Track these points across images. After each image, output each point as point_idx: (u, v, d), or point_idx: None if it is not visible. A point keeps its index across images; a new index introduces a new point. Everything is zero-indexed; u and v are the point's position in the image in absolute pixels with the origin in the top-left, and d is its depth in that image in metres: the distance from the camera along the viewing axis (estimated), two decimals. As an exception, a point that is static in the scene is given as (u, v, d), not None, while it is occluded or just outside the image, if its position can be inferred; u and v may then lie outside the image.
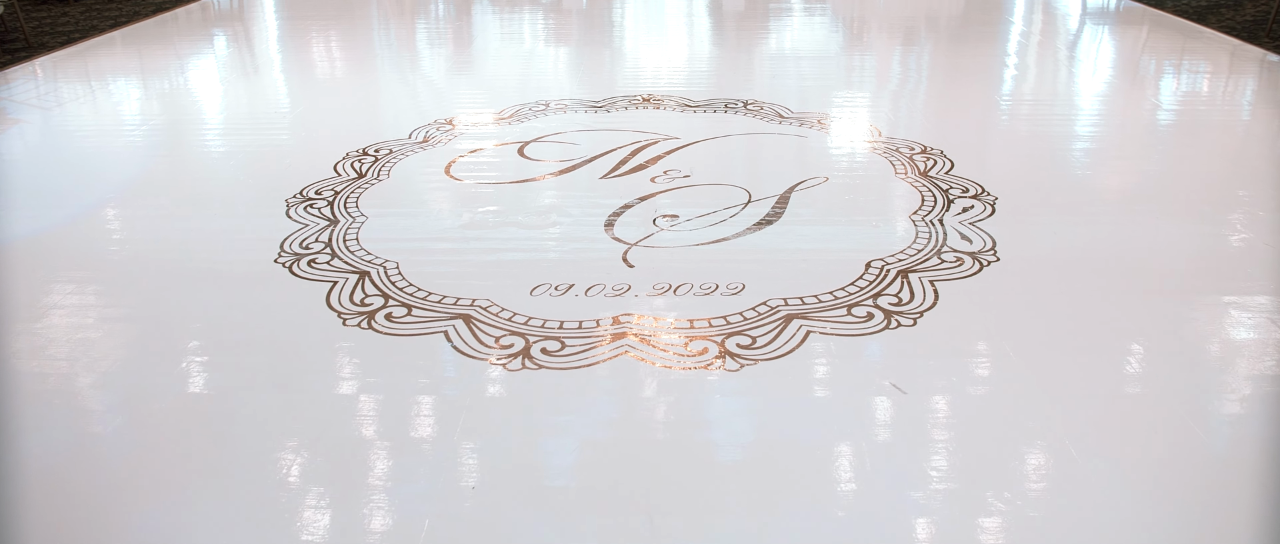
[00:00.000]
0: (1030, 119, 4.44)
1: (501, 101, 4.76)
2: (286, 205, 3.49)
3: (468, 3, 7.95)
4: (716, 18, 7.21)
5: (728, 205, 3.39)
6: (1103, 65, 5.55)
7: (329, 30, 6.83)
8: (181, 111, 4.78)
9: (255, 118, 4.64)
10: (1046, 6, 7.48)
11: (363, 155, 4.01)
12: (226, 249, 3.14)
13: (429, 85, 5.32)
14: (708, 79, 5.19)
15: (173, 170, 3.94)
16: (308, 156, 4.01)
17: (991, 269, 2.91)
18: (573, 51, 6.06)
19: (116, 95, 5.10)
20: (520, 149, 4.03)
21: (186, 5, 7.88)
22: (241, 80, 5.43)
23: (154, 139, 4.36)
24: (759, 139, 4.12)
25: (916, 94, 4.99)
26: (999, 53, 5.87)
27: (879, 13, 7.29)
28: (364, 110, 4.76)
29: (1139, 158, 3.93)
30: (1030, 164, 3.84)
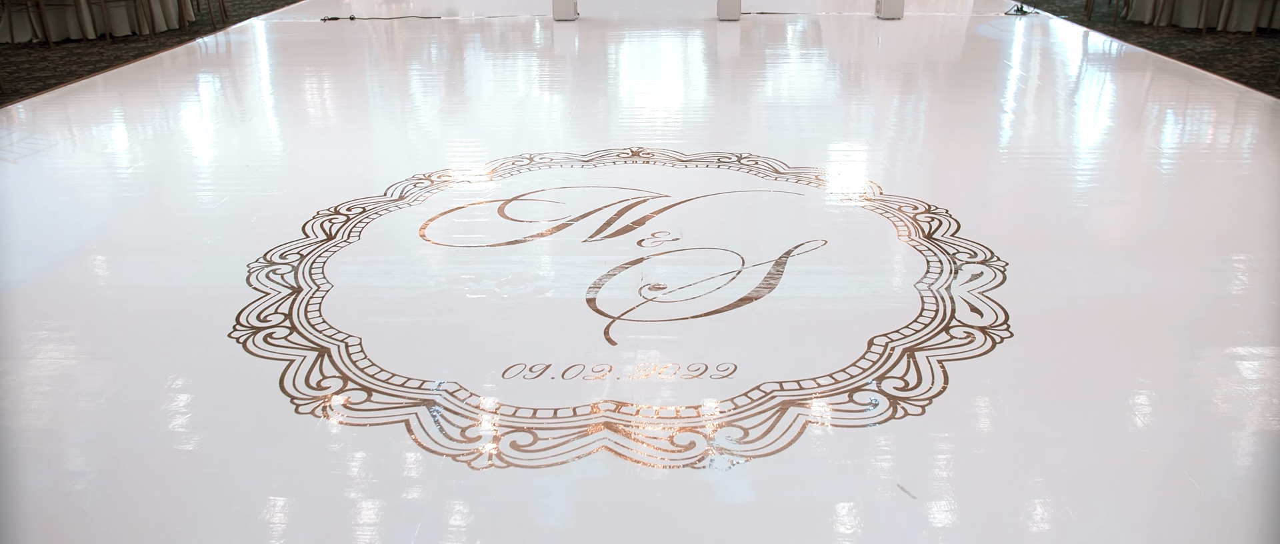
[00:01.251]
0: (1035, 172, 4.23)
1: (485, 155, 4.55)
2: (248, 271, 3.27)
3: (460, 45, 7.78)
4: (711, 63, 7.03)
5: (719, 273, 3.16)
6: (1107, 113, 5.36)
7: (316, 75, 6.65)
8: (152, 163, 4.57)
9: (228, 171, 4.42)
10: (1045, 51, 7.32)
11: (335, 214, 3.79)
12: (179, 318, 2.91)
13: (411, 137, 5.11)
14: (701, 130, 4.99)
15: (133, 229, 3.71)
16: (277, 215, 3.79)
17: (1005, 346, 2.68)
18: (561, 100, 5.87)
19: (88, 144, 4.90)
20: (501, 208, 3.81)
21: (171, 49, 7.71)
22: (220, 130, 5.23)
23: (120, 193, 4.14)
24: (753, 197, 3.91)
25: (917, 146, 4.79)
26: (1000, 101, 5.68)
27: (876, 57, 7.13)
28: (342, 164, 4.55)
29: (1152, 212, 3.72)
30: (1039, 223, 3.62)
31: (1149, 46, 7.28)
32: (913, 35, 7.90)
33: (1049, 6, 9.36)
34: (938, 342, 2.71)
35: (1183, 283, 3.09)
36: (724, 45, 7.61)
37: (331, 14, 9.16)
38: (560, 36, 7.95)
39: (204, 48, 7.78)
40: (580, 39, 7.82)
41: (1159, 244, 3.43)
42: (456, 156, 4.57)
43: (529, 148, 4.65)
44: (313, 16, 9.16)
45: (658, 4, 9.83)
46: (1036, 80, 6.29)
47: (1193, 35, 7.79)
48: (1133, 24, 8.37)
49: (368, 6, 9.89)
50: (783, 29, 8.23)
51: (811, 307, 2.93)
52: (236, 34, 8.38)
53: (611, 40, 7.77)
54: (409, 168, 4.35)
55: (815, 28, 8.41)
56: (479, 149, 4.71)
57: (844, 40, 7.92)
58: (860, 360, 2.60)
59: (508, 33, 8.29)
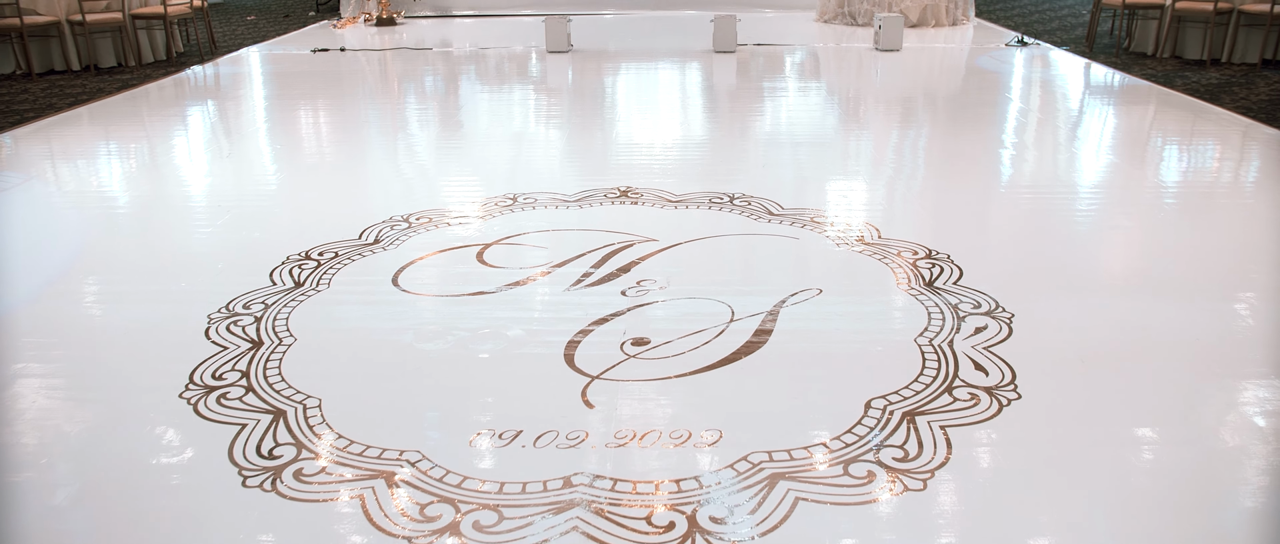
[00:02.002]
0: (1039, 213, 4.05)
1: (468, 195, 4.37)
2: (208, 322, 3.08)
3: (451, 78, 7.63)
4: (706, 97, 6.88)
5: (707, 326, 2.97)
6: (1111, 149, 5.19)
7: (301, 109, 6.49)
8: (125, 201, 4.39)
9: (202, 211, 4.25)
10: (1046, 84, 7.17)
11: (305, 259, 3.60)
12: (129, 375, 2.72)
13: (393, 175, 4.94)
14: (693, 167, 4.82)
15: (95, 273, 3.53)
16: (247, 259, 3.61)
17: (1012, 410, 2.49)
18: (551, 135, 5.71)
19: (59, 179, 4.73)
20: (480, 253, 3.63)
21: (158, 80, 7.56)
22: (198, 166, 5.05)
23: (86, 233, 3.96)
24: (746, 241, 3.73)
25: (917, 185, 4.61)
26: (1001, 136, 5.52)
27: (874, 90, 6.97)
28: (320, 203, 4.38)
29: (1163, 255, 3.53)
30: (1045, 269, 3.43)
31: (1152, 79, 7.13)
32: (911, 67, 7.76)
33: (1050, 38, 9.23)
34: (940, 404, 2.52)
35: (1200, 331, 2.90)
36: (719, 77, 7.46)
37: (322, 45, 9.03)
38: (553, 69, 7.81)
39: (190, 80, 7.63)
40: (573, 71, 7.68)
41: (1171, 289, 3.24)
42: (439, 196, 4.40)
43: (514, 187, 4.48)
44: (303, 48, 9.03)
45: (653, 35, 9.71)
46: (1038, 114, 6.13)
47: (1197, 67, 7.64)
48: (1135, 56, 8.23)
49: (360, 37, 9.77)
50: (779, 61, 8.09)
51: (804, 364, 2.74)
52: (224, 66, 8.25)
53: (605, 72, 7.62)
54: (388, 208, 4.17)
55: (812, 59, 8.27)
56: (463, 188, 4.53)
57: (841, 72, 7.78)
58: (856, 426, 2.41)
59: (500, 65, 8.16)
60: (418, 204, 4.23)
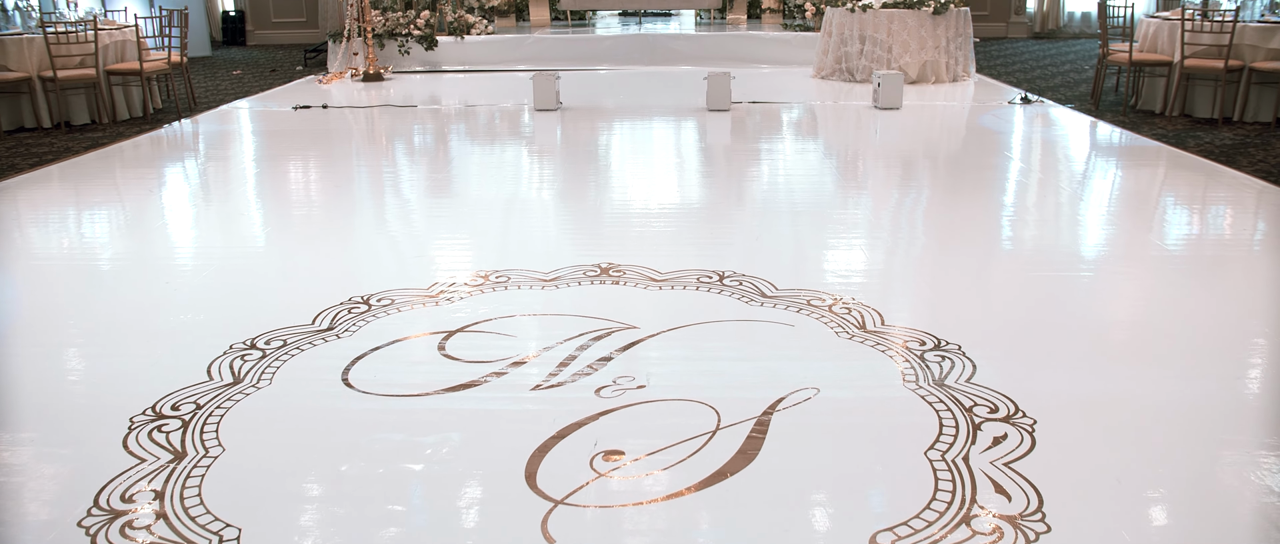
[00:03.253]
0: (1055, 292, 3.72)
1: (435, 271, 4.04)
2: (129, 427, 2.73)
3: (432, 138, 7.35)
4: (696, 159, 6.58)
5: (690, 437, 2.63)
6: (1129, 218, 4.86)
7: (272, 172, 6.19)
8: (63, 275, 4.06)
9: (148, 288, 3.91)
10: (1054, 146, 6.88)
11: (250, 348, 3.27)
12: (26, 494, 2.36)
13: (357, 247, 4.61)
14: (681, 239, 4.50)
15: (17, 358, 3.18)
16: (185, 348, 3.27)
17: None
18: (529, 203, 5.40)
19: (3, 244, 4.41)
20: (442, 343, 3.29)
21: (132, 138, 7.28)
22: (151, 235, 4.73)
23: (17, 309, 3.62)
24: (735, 329, 3.39)
25: (921, 260, 4.28)
26: (1009, 203, 5.21)
27: (874, 151, 6.68)
28: (276, 279, 4.05)
29: (1191, 338, 3.19)
30: (1066, 362, 3.09)
31: (1163, 139, 6.85)
32: (912, 126, 7.48)
33: (1053, 95, 8.98)
34: (957, 539, 2.16)
35: (1254, 423, 2.55)
36: (713, 137, 7.18)
37: (305, 102, 8.76)
38: (540, 128, 7.53)
39: (162, 139, 7.34)
40: (560, 131, 7.39)
41: (1209, 379, 2.89)
42: (405, 272, 4.06)
43: (487, 262, 4.15)
44: (285, 104, 8.76)
45: (646, 92, 9.45)
46: (1048, 179, 5.82)
47: (1208, 126, 7.37)
48: (1143, 114, 7.96)
49: (346, 93, 9.52)
50: (775, 119, 7.81)
51: (799, 486, 2.39)
52: (200, 124, 7.97)
53: (592, 133, 7.34)
54: (349, 286, 3.84)
55: (810, 117, 8.00)
56: (431, 263, 4.21)
57: (840, 131, 7.50)
58: (860, 571, 2.05)
59: (484, 124, 7.88)
60: (382, 282, 3.90)
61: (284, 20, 14.95)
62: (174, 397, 2.92)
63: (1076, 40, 14.47)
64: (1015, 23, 14.83)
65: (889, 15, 9.31)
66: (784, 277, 3.89)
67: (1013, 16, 14.82)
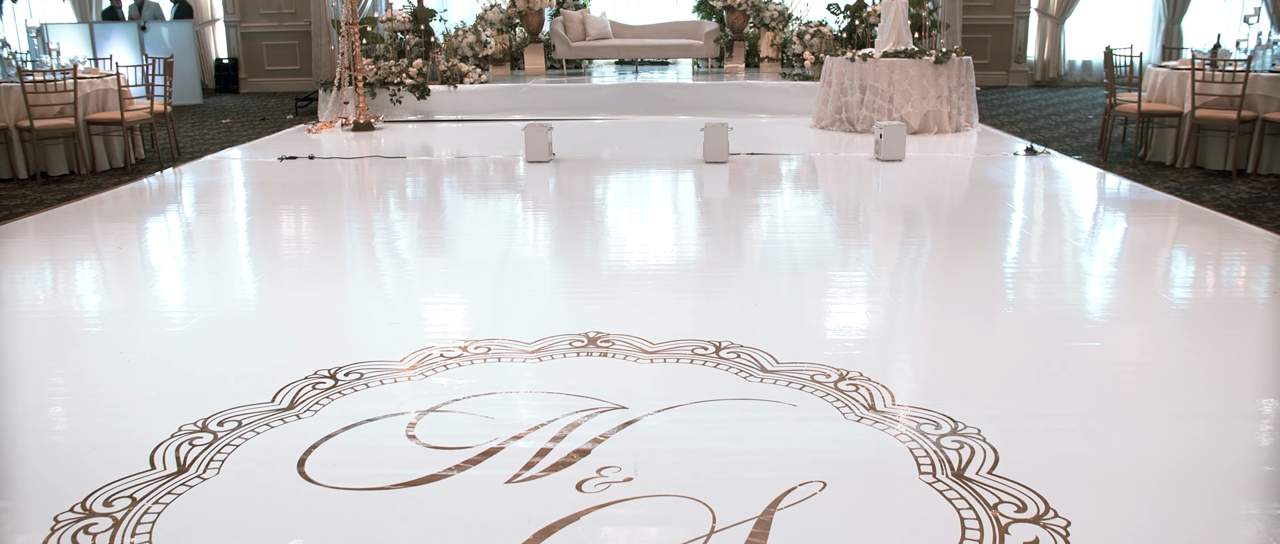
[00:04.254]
0: (1079, 366, 3.44)
1: (409, 341, 3.76)
2: (53, 527, 2.44)
3: (418, 192, 7.11)
4: (692, 216, 6.33)
5: (681, 540, 2.33)
6: (1153, 281, 4.59)
7: (250, 228, 5.93)
8: (12, 342, 3.77)
9: (101, 358, 3.63)
10: (1064, 200, 6.64)
11: (201, 430, 2.98)
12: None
13: (330, 313, 4.32)
14: (676, 304, 4.23)
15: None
16: (130, 430, 2.98)
17: None
18: (515, 264, 5.13)
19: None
20: (411, 426, 3.00)
21: (112, 189, 7.04)
22: (114, 297, 4.46)
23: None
24: (732, 411, 3.10)
25: (934, 330, 4.00)
26: (1024, 264, 4.94)
27: (879, 207, 6.42)
28: (240, 349, 3.76)
29: (1236, 418, 2.90)
30: (1097, 450, 2.80)
31: (1176, 192, 6.61)
32: (916, 180, 7.24)
33: (1059, 146, 8.76)
34: None
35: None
36: (709, 190, 6.93)
37: (291, 152, 8.53)
38: (532, 181, 7.29)
39: (138, 191, 7.09)
40: (551, 185, 7.15)
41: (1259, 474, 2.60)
42: (377, 343, 3.78)
43: (467, 330, 3.87)
44: (271, 155, 8.53)
45: (642, 143, 9.24)
46: (1061, 237, 5.56)
47: (1222, 178, 7.13)
48: (1154, 166, 7.73)
49: (336, 143, 9.30)
50: (774, 172, 7.58)
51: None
52: (181, 175, 7.73)
53: (585, 187, 7.09)
54: (316, 358, 3.55)
55: (810, 170, 7.77)
56: (407, 332, 3.92)
57: (841, 185, 7.26)
58: None
59: (475, 176, 7.64)
60: (353, 352, 3.62)
61: (277, 68, 14.81)
62: (109, 490, 2.62)
63: (1078, 88, 14.32)
64: (1015, 71, 14.69)
65: (890, 64, 9.12)
66: (785, 346, 3.61)
67: (1013, 65, 14.68)
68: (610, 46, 12.20)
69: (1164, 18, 14.31)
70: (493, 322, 4.02)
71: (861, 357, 3.55)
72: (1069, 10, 14.47)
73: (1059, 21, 14.51)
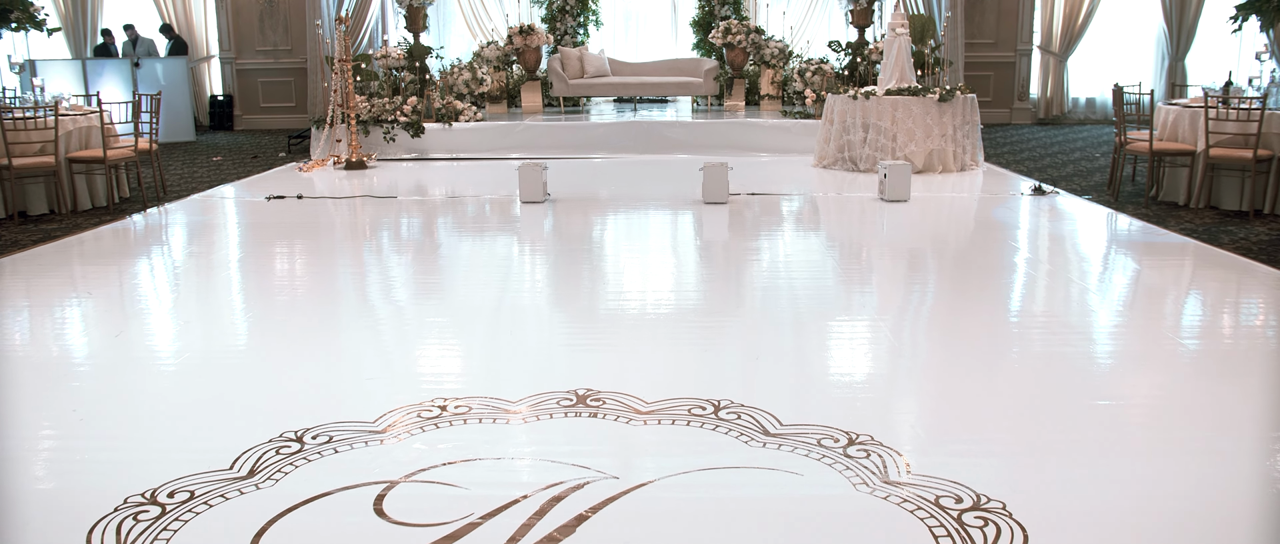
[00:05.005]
0: (1110, 429, 3.17)
1: (382, 400, 3.49)
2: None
3: (408, 234, 6.88)
4: (690, 260, 6.08)
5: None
6: (1167, 325, 4.33)
7: (228, 274, 5.70)
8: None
9: (51, 422, 3.37)
10: (1079, 243, 6.40)
11: (149, 502, 2.71)
12: None
13: (301, 367, 4.06)
14: (671, 359, 3.98)
15: None
16: (69, 502, 2.71)
17: None
18: (501, 313, 4.88)
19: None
20: (379, 498, 2.73)
21: (94, 229, 6.81)
22: (77, 349, 4.21)
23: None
24: (732, 482, 2.84)
25: (947, 385, 3.73)
26: (1037, 311, 4.69)
27: (886, 251, 6.18)
28: (202, 408, 3.50)
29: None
30: (1132, 523, 2.53)
31: (1191, 233, 6.37)
32: (922, 221, 7.01)
33: (1067, 185, 8.54)
34: None
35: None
36: (709, 233, 6.70)
37: (279, 192, 8.31)
38: (526, 223, 7.05)
39: (117, 232, 6.85)
40: (544, 227, 6.92)
41: None
42: (348, 401, 3.51)
43: (445, 386, 3.61)
44: (259, 194, 8.31)
45: (639, 182, 9.02)
46: (1079, 283, 5.31)
47: (1238, 219, 6.90)
48: (1166, 206, 7.50)
49: (327, 181, 9.09)
50: (776, 213, 7.34)
51: None
52: (164, 215, 7.50)
53: (579, 229, 6.86)
54: (282, 418, 3.29)
55: (813, 211, 7.54)
56: (383, 387, 3.66)
57: (846, 227, 7.02)
58: None
59: (466, 218, 7.41)
60: (323, 412, 3.35)
61: (272, 105, 14.65)
62: (38, 575, 2.35)
63: (1082, 126, 14.14)
64: (1019, 109, 14.52)
65: (893, 102, 8.92)
66: (789, 405, 3.35)
67: (1016, 102, 14.52)
68: (609, 84, 12.03)
69: (1168, 55, 14.17)
70: (478, 376, 3.76)
71: (871, 417, 3.28)
72: (1072, 47, 14.32)
73: (1062, 59, 14.37)
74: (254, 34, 14.41)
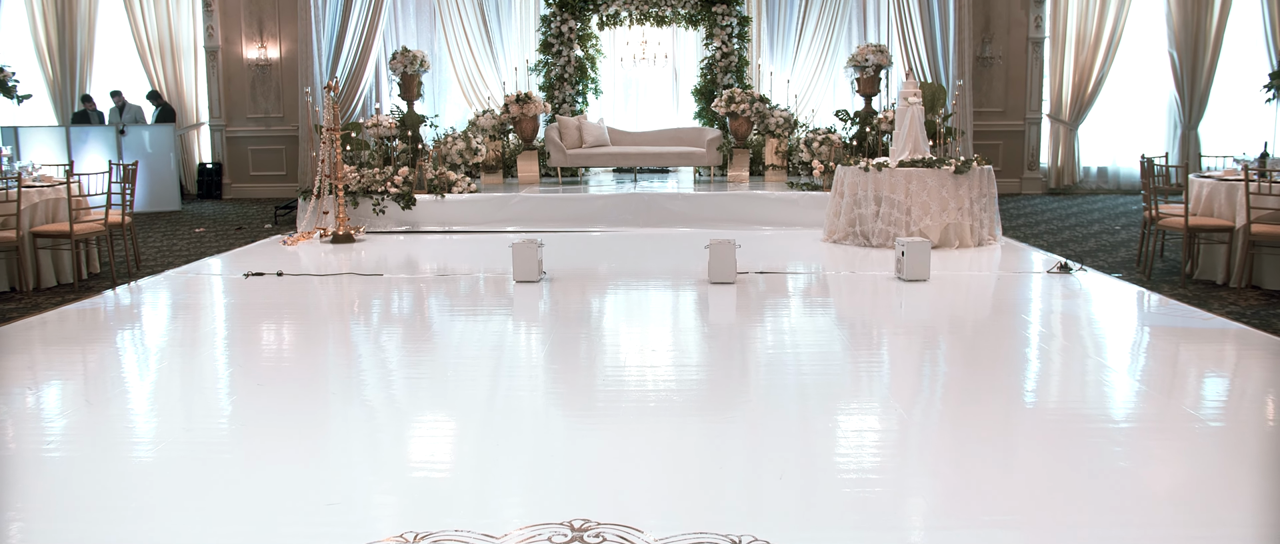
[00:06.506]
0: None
1: (342, 527, 2.95)
2: None
3: (388, 317, 6.38)
4: (697, 352, 5.56)
5: None
6: (1239, 432, 3.81)
7: (196, 360, 5.19)
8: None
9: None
10: (1113, 327, 5.89)
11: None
12: None
13: (253, 480, 3.52)
14: (683, 475, 3.45)
15: None
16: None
17: None
18: (487, 422, 4.34)
19: None
20: None
21: (59, 308, 6.32)
22: (15, 460, 3.68)
23: None
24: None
25: (994, 514, 3.20)
26: (1095, 413, 4.17)
27: (908, 336, 5.66)
28: (129, 534, 2.95)
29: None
30: None
31: (1239, 317, 5.88)
32: (946, 305, 6.51)
33: (1094, 262, 8.07)
34: None
35: None
36: (716, 317, 6.20)
37: (258, 268, 7.82)
38: (519, 306, 6.55)
39: (76, 314, 6.34)
40: (537, 311, 6.42)
41: None
42: (302, 533, 2.97)
43: (415, 514, 3.08)
44: (238, 270, 7.83)
45: (641, 258, 8.55)
46: (1133, 381, 4.79)
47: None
48: (1204, 285, 7.01)
49: (312, 256, 8.62)
50: (788, 295, 6.85)
51: None
52: (131, 294, 7.00)
53: (578, 313, 6.34)
54: (248, 537, 2.75)
55: (827, 292, 7.05)
56: (337, 516, 3.12)
57: (864, 311, 6.52)
58: None
59: (455, 300, 6.91)
60: (289, 535, 2.82)
61: (263, 173, 14.26)
62: None
63: (1094, 196, 13.75)
64: (1029, 178, 14.14)
65: (907, 174, 8.49)
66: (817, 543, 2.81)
67: (1026, 172, 14.14)
68: (608, 154, 11.63)
69: (1180, 124, 13.84)
70: (455, 501, 3.23)
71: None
72: (1082, 116, 13.99)
73: (1072, 128, 14.02)
74: (245, 101, 14.07)
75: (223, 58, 13.97)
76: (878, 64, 11.49)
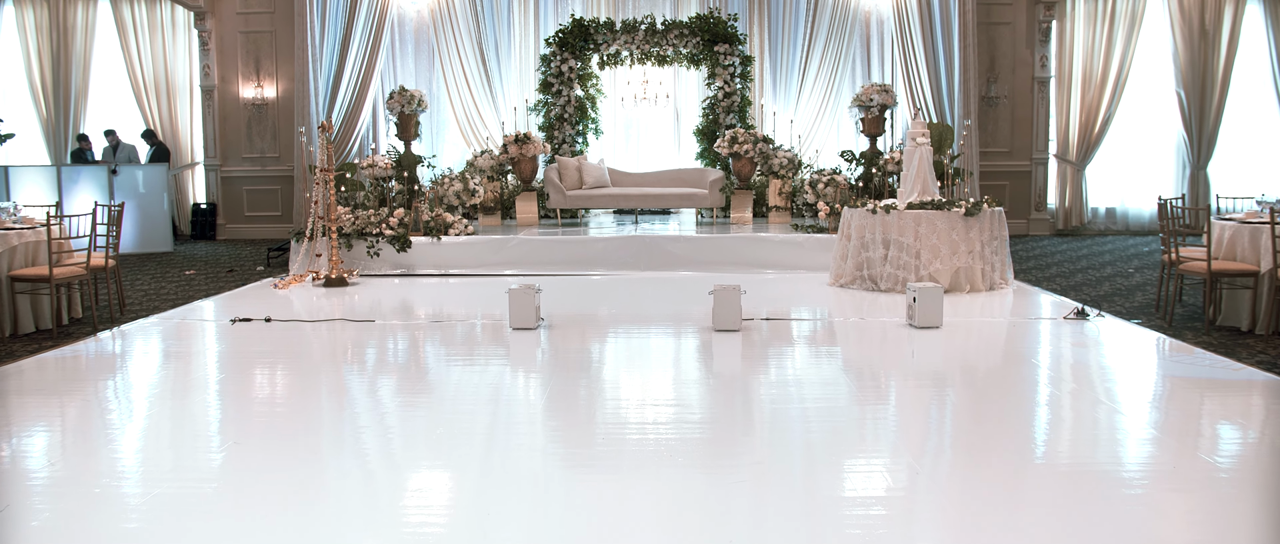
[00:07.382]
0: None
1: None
2: None
3: (376, 366, 6.10)
4: (701, 406, 5.27)
5: None
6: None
7: (170, 415, 4.91)
8: None
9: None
10: (1140, 379, 5.61)
11: None
12: None
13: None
14: (678, 532, 3.16)
15: None
16: None
17: None
18: (479, 483, 4.06)
19: None
20: None
21: (24, 359, 6.03)
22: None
23: None
24: None
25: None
26: (1130, 477, 3.88)
27: (922, 389, 5.37)
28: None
29: None
30: None
31: (1271, 367, 5.60)
32: (960, 353, 6.23)
33: (1110, 306, 7.80)
34: None
35: None
36: (722, 366, 5.92)
37: (246, 313, 7.55)
38: (515, 354, 6.28)
39: (51, 363, 6.06)
40: (538, 359, 6.14)
41: None
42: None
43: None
44: (226, 315, 7.56)
45: (642, 303, 8.28)
46: (1169, 439, 4.50)
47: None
48: (1229, 332, 6.74)
49: (303, 300, 8.35)
50: (795, 343, 6.58)
51: None
52: (112, 341, 6.73)
53: (575, 363, 6.05)
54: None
55: (837, 340, 6.78)
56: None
57: (876, 360, 6.23)
58: None
59: (452, 347, 6.64)
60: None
61: (257, 214, 14.03)
62: None
63: (1104, 237, 13.51)
64: (1036, 219, 13.91)
65: (916, 217, 8.24)
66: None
67: (1033, 213, 13.92)
68: (608, 196, 11.39)
69: (1189, 164, 13.65)
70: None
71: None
72: (1089, 156, 13.79)
73: (1079, 168, 13.82)
74: (241, 140, 13.88)
75: (219, 97, 13.80)
76: (883, 104, 11.30)
